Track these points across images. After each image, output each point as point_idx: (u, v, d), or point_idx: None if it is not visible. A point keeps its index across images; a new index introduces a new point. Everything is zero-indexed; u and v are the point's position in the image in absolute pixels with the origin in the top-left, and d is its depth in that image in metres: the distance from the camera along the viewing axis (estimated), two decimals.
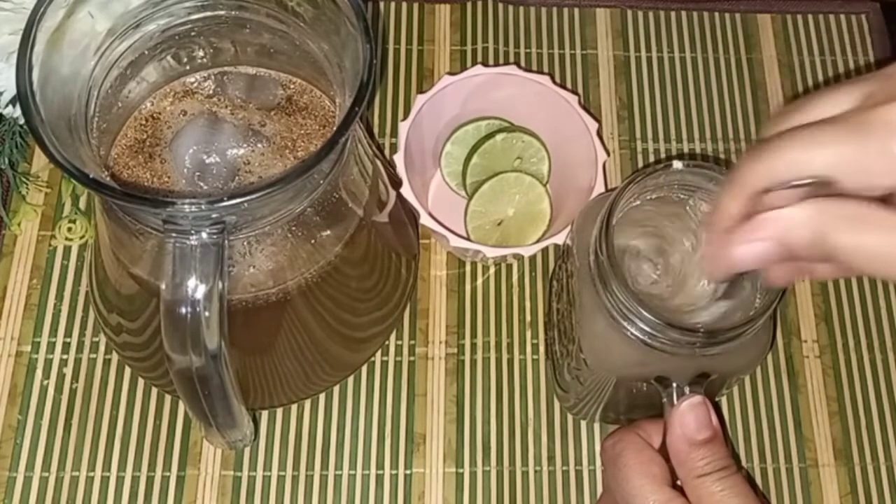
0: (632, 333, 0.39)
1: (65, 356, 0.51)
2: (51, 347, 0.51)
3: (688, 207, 0.42)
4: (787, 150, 0.31)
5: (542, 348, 0.53)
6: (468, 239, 0.52)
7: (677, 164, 0.40)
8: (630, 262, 0.42)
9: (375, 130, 0.59)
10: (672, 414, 0.39)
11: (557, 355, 0.49)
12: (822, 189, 0.30)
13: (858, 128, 0.30)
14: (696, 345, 0.38)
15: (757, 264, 0.32)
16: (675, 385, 0.40)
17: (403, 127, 0.51)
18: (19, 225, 0.54)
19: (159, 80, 0.43)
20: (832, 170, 0.30)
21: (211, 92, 0.44)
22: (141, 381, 0.51)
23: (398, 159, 0.50)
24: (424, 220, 0.50)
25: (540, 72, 0.57)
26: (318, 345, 0.47)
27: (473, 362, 0.52)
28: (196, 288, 0.33)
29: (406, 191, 0.50)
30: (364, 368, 0.52)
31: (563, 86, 0.53)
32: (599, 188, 0.50)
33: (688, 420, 0.38)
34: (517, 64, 0.59)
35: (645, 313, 0.38)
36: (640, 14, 0.63)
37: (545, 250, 0.55)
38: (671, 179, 0.41)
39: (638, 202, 0.42)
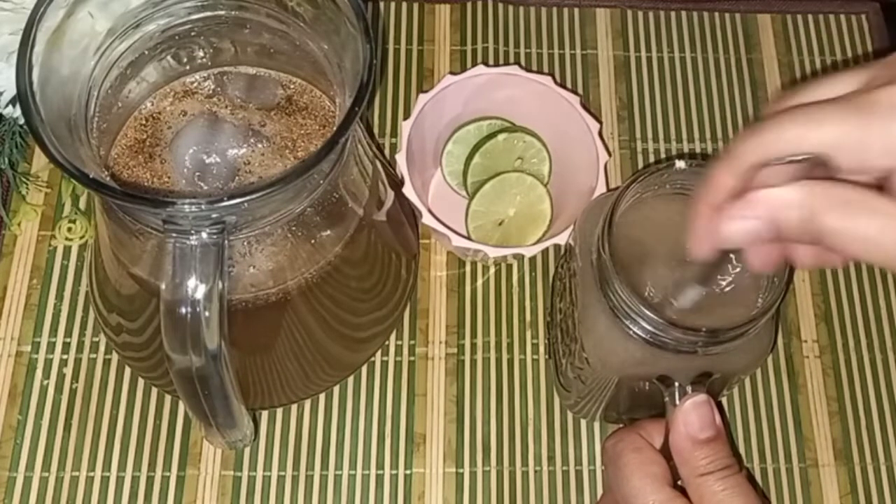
0: (634, 333, 0.39)
1: (65, 356, 0.51)
2: (51, 347, 0.51)
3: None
4: (787, 125, 0.31)
5: (542, 348, 0.53)
6: (469, 239, 0.52)
7: (680, 164, 0.40)
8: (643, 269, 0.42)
9: (375, 130, 0.59)
10: (675, 412, 0.38)
11: (560, 354, 0.49)
12: (817, 170, 0.30)
13: (860, 107, 0.30)
14: (698, 344, 0.38)
15: (744, 242, 0.32)
16: (677, 384, 0.40)
17: (406, 126, 0.51)
18: (19, 225, 0.54)
19: (159, 80, 0.43)
20: (831, 147, 0.30)
21: (211, 92, 0.44)
22: (141, 381, 0.51)
23: (400, 158, 0.50)
24: (426, 219, 0.50)
25: (541, 72, 0.57)
26: (318, 345, 0.47)
27: (473, 362, 0.52)
28: (196, 288, 0.33)
29: (408, 190, 0.50)
30: (364, 368, 0.52)
31: (564, 86, 0.53)
32: (601, 189, 0.50)
33: (691, 419, 0.38)
34: (517, 64, 0.59)
35: (647, 312, 0.38)
36: (640, 14, 0.63)
37: (545, 250, 0.55)
38: (674, 179, 0.41)
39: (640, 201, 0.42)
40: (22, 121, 0.52)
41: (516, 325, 0.54)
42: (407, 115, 0.52)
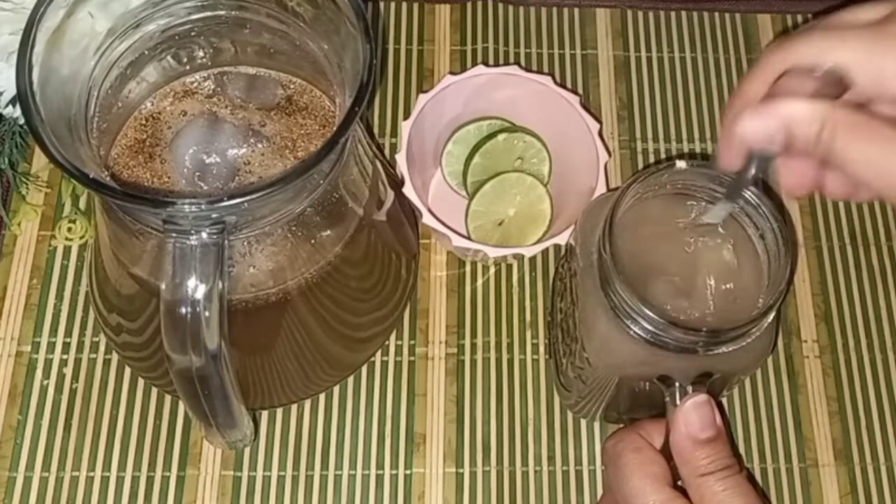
0: (635, 332, 0.39)
1: (65, 356, 0.51)
2: (51, 347, 0.51)
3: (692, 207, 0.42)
4: (814, 39, 0.33)
5: (542, 348, 0.53)
6: (469, 239, 0.52)
7: (681, 164, 0.40)
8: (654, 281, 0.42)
9: (375, 130, 0.59)
10: (676, 412, 0.38)
11: (560, 354, 0.49)
12: (836, 89, 0.32)
13: (880, 33, 0.32)
14: (698, 344, 0.38)
15: (762, 141, 0.33)
16: (677, 384, 0.40)
17: (406, 126, 0.51)
18: (19, 225, 0.54)
19: (159, 80, 0.43)
20: (850, 63, 0.32)
21: (211, 92, 0.44)
22: (141, 381, 0.51)
23: (400, 158, 0.50)
24: (427, 219, 0.50)
25: (541, 72, 0.57)
26: (317, 345, 0.47)
27: (473, 362, 0.52)
28: (196, 288, 0.33)
29: (408, 190, 0.50)
30: (364, 368, 0.52)
31: (564, 86, 0.53)
32: (601, 189, 0.50)
33: (692, 419, 0.38)
34: (517, 64, 0.59)
35: (648, 312, 0.38)
36: (640, 14, 0.63)
37: (545, 250, 0.55)
38: (674, 179, 0.41)
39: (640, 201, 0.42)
40: (22, 121, 0.52)
41: (516, 325, 0.54)
42: (407, 115, 0.52)
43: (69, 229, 0.54)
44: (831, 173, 0.36)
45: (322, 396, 0.51)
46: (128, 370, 0.51)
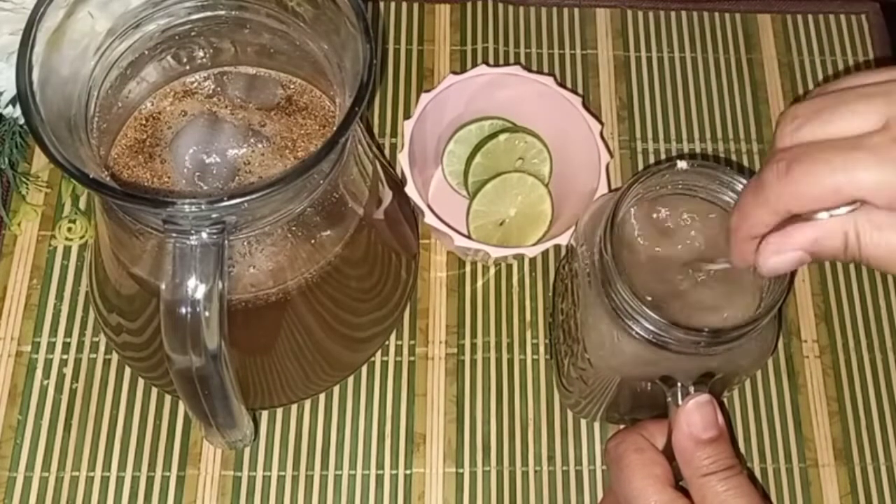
0: (636, 333, 0.39)
1: (65, 356, 0.51)
2: (51, 347, 0.51)
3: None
4: (822, 173, 0.31)
5: (542, 348, 0.53)
6: (470, 238, 0.52)
7: (682, 164, 0.40)
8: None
9: (375, 130, 0.59)
10: (678, 412, 0.38)
11: (561, 355, 0.49)
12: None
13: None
14: (700, 344, 0.38)
15: (788, 270, 0.34)
16: (679, 385, 0.40)
17: (408, 126, 0.51)
18: (19, 225, 0.54)
19: (159, 80, 0.43)
20: (868, 195, 0.31)
21: (211, 92, 0.44)
22: (141, 381, 0.51)
23: (402, 158, 0.50)
24: (429, 218, 0.50)
25: (541, 72, 0.57)
26: (317, 345, 0.47)
27: (473, 362, 0.52)
28: (196, 288, 0.33)
29: (410, 189, 0.50)
30: (364, 368, 0.52)
31: (564, 86, 0.53)
32: (602, 189, 0.50)
33: (694, 419, 0.38)
34: (518, 64, 0.59)
35: (649, 313, 0.38)
36: (640, 14, 0.63)
37: (545, 251, 0.54)
38: (675, 179, 0.41)
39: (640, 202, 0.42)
40: (22, 121, 0.52)
41: (516, 325, 0.54)
42: (407, 115, 0.52)
43: (69, 229, 0.54)
44: None
45: (322, 396, 0.51)
46: (128, 370, 0.51)
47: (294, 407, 0.51)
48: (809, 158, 0.32)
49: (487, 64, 0.58)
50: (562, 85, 0.53)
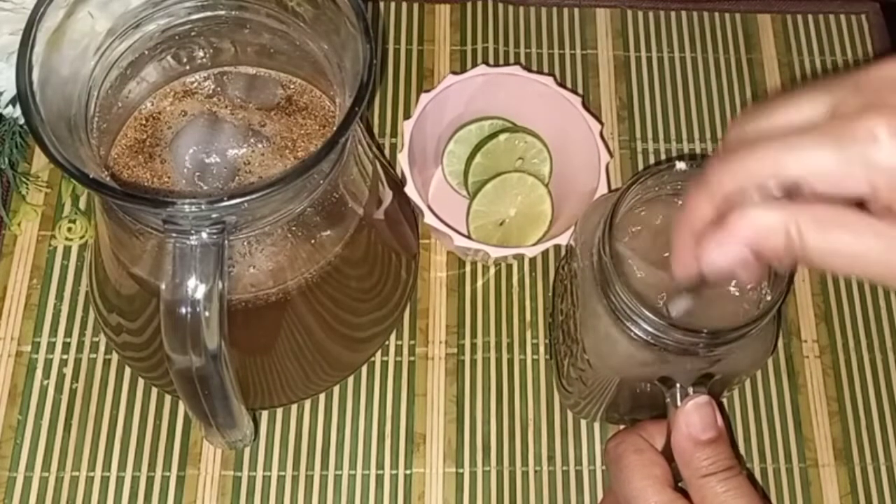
0: (635, 334, 0.39)
1: (65, 356, 0.51)
2: (51, 347, 0.51)
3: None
4: (764, 153, 0.31)
5: (542, 348, 0.53)
6: (470, 238, 0.52)
7: (681, 165, 0.40)
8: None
9: (375, 130, 0.59)
10: (677, 413, 0.38)
11: (561, 355, 0.49)
12: (793, 190, 0.30)
13: (840, 138, 0.30)
14: (699, 345, 0.38)
15: (729, 268, 0.32)
16: (678, 385, 0.40)
17: (407, 126, 0.51)
18: (19, 225, 0.54)
19: (159, 80, 0.43)
20: (810, 175, 0.30)
21: (211, 92, 0.44)
22: (141, 381, 0.51)
23: (402, 158, 0.50)
24: (429, 218, 0.50)
25: (541, 72, 0.57)
26: (317, 345, 0.47)
27: (473, 362, 0.52)
28: (196, 288, 0.33)
29: (410, 189, 0.50)
30: (364, 368, 0.52)
31: (564, 86, 0.53)
32: (602, 189, 0.50)
33: (693, 420, 0.38)
34: (518, 64, 0.59)
35: (648, 314, 0.38)
36: (640, 14, 0.63)
37: (545, 251, 0.54)
38: (675, 180, 0.41)
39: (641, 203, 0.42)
40: (22, 121, 0.52)
41: (516, 326, 0.54)
42: (407, 115, 0.52)
43: (69, 229, 0.54)
44: None
45: (322, 396, 0.51)
46: (128, 370, 0.51)
47: (294, 407, 0.51)
48: (753, 144, 0.31)
49: (487, 64, 0.58)
50: (562, 85, 0.53)
